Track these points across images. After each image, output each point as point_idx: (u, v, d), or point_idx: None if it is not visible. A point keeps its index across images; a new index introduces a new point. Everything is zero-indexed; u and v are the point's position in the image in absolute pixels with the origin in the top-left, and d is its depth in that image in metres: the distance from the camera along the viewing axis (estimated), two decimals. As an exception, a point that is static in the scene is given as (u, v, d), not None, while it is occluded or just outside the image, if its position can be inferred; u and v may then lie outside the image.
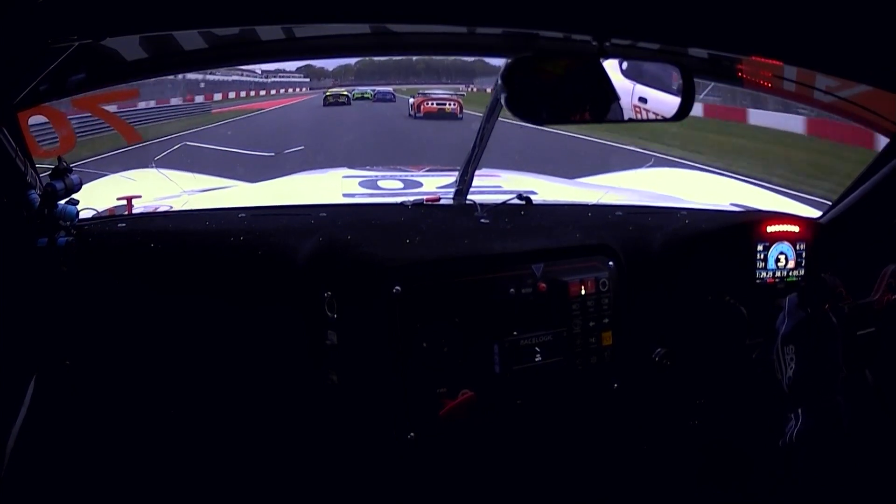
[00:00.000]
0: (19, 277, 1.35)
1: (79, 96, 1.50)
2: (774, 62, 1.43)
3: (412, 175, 3.21)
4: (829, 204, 1.81)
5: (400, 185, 2.99)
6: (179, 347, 1.43)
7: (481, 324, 1.36)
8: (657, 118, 1.34)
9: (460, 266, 1.37)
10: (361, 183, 2.96)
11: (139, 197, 2.39)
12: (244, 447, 1.48)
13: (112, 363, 1.43)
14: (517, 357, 1.38)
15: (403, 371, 1.30)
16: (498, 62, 1.44)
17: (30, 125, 1.41)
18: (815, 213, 1.89)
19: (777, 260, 1.68)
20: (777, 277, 1.69)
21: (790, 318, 1.27)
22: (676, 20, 1.14)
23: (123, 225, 1.54)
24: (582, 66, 1.24)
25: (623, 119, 1.34)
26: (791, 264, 1.69)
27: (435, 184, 2.86)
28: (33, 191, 1.37)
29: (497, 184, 2.94)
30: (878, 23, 1.08)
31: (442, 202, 1.79)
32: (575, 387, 1.46)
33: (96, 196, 1.67)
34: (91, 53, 1.32)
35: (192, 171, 3.22)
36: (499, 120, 1.67)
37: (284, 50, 1.54)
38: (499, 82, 1.18)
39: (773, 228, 1.68)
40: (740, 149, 11.39)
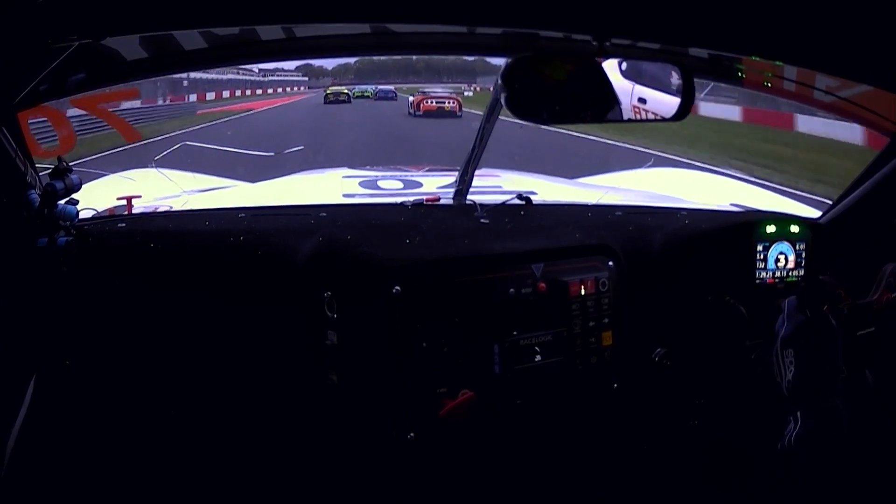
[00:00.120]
0: (19, 277, 1.35)
1: (78, 96, 1.50)
2: (774, 62, 1.43)
3: (412, 175, 3.22)
4: (830, 204, 1.82)
5: (400, 186, 3.00)
6: (179, 347, 1.43)
7: (481, 324, 1.35)
8: (656, 118, 1.34)
9: (460, 266, 1.37)
10: (361, 183, 2.97)
11: (139, 197, 2.39)
12: (244, 447, 1.48)
13: (112, 363, 1.43)
14: (517, 357, 1.38)
15: (403, 371, 1.30)
16: (498, 61, 1.44)
17: (30, 125, 1.41)
18: (815, 213, 1.89)
19: (777, 260, 1.68)
20: (777, 277, 1.68)
21: (789, 322, 1.26)
22: (676, 20, 1.14)
23: (123, 225, 1.53)
24: (582, 66, 1.24)
25: (622, 119, 1.34)
26: (791, 264, 1.69)
27: (435, 184, 2.86)
28: (33, 191, 1.36)
29: (497, 184, 2.94)
30: (878, 23, 1.08)
31: (442, 202, 1.78)
32: (575, 387, 1.46)
33: (96, 196, 1.67)
34: (91, 53, 1.32)
35: (192, 171, 3.22)
36: (499, 119, 1.67)
37: (284, 50, 1.54)
38: (499, 82, 1.18)
39: (773, 228, 1.68)
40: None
